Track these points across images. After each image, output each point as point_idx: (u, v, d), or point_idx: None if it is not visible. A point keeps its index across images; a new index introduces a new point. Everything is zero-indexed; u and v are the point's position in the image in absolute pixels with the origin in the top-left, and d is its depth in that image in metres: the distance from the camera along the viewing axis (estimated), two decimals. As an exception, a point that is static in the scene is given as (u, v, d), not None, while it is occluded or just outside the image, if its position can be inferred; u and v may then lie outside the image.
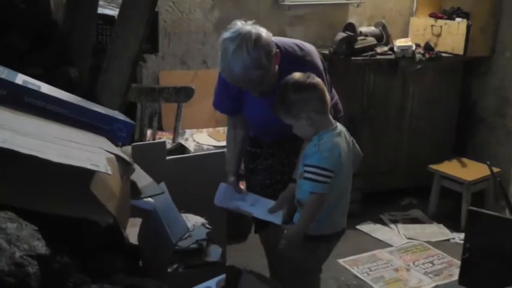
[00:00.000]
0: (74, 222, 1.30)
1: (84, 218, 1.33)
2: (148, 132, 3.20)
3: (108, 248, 1.38)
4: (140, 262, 1.61)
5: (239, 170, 2.42)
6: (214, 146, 3.37)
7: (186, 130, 3.62)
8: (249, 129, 2.40)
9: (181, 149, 2.83)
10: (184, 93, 3.11)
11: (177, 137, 3.16)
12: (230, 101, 2.31)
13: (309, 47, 2.26)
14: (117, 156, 1.32)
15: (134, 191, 1.41)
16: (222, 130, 3.73)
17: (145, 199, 1.51)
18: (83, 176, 1.19)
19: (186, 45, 3.81)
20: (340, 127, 2.07)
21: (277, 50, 2.09)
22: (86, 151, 1.27)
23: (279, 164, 2.33)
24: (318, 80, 2.02)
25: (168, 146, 2.79)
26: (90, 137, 1.46)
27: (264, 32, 2.06)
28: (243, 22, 2.07)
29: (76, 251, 1.11)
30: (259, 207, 2.25)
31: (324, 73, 2.23)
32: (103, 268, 1.13)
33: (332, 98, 2.41)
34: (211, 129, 3.73)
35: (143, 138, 3.08)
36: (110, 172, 1.18)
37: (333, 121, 2.06)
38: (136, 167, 1.49)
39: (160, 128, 3.60)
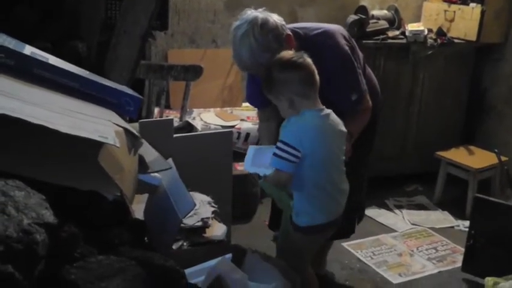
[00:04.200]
0: (80, 196, 1.29)
1: (91, 192, 1.32)
2: (156, 110, 3.19)
3: (114, 222, 1.37)
4: (146, 238, 1.61)
5: None
6: (221, 126, 3.36)
7: (194, 109, 3.61)
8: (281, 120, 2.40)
9: (189, 127, 2.83)
10: (193, 72, 3.09)
11: (184, 115, 3.15)
12: (259, 93, 2.31)
13: (332, 29, 2.23)
14: (126, 130, 1.31)
15: (142, 165, 1.40)
16: (230, 110, 3.73)
17: (152, 174, 1.50)
18: (91, 147, 1.18)
19: (196, 23, 3.78)
20: (327, 111, 1.96)
21: (289, 33, 2.07)
22: (94, 123, 1.26)
23: None
24: (304, 60, 1.91)
25: (176, 124, 2.78)
26: (99, 110, 1.45)
27: (273, 16, 2.07)
28: (254, 10, 2.08)
29: (82, 224, 1.10)
30: None
31: (350, 53, 2.20)
32: (109, 241, 1.13)
33: (370, 79, 2.38)
34: (218, 109, 3.72)
35: (150, 115, 3.07)
36: (118, 144, 1.17)
37: (321, 105, 1.95)
38: (144, 142, 1.48)
39: (168, 107, 3.59)
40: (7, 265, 0.71)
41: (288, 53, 1.94)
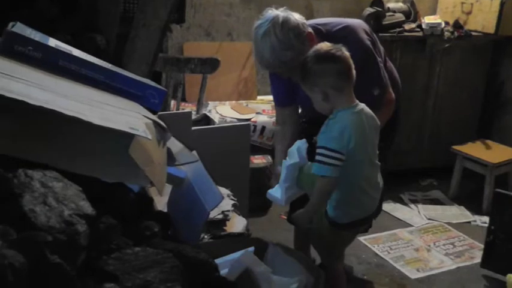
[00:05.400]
0: (106, 187, 1.29)
1: (116, 184, 1.32)
2: (172, 102, 3.19)
3: (139, 214, 1.37)
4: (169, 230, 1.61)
5: None
6: (237, 119, 3.36)
7: (209, 102, 3.61)
8: (297, 125, 2.40)
9: (206, 120, 2.82)
10: (209, 65, 3.08)
11: (200, 108, 3.15)
12: (282, 91, 2.33)
13: (354, 24, 2.22)
14: (154, 122, 1.31)
15: (169, 157, 1.39)
16: (245, 103, 3.72)
17: (178, 167, 1.50)
18: (121, 140, 1.18)
19: (211, 16, 3.77)
20: (361, 106, 1.94)
21: (311, 31, 2.06)
22: (123, 115, 1.25)
23: None
24: (342, 53, 1.89)
25: (193, 117, 2.78)
26: (125, 102, 1.45)
27: (294, 14, 2.07)
28: (275, 9, 2.08)
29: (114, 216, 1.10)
30: None
31: (372, 48, 2.19)
32: (140, 233, 1.12)
33: (391, 72, 2.38)
34: (234, 102, 3.71)
35: (167, 108, 3.07)
36: (149, 137, 1.16)
37: (355, 100, 1.93)
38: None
39: (183, 99, 3.59)
40: (55, 255, 0.71)
41: (326, 45, 1.91)
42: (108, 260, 0.88)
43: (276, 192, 2.18)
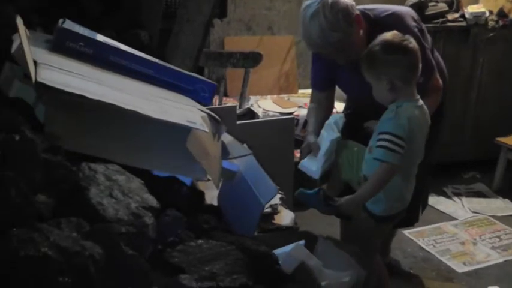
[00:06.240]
0: (161, 183, 1.30)
1: (170, 179, 1.32)
2: (214, 97, 3.20)
3: (191, 208, 1.38)
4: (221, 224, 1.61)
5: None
6: (279, 113, 3.34)
7: (251, 96, 3.60)
8: (330, 111, 2.37)
9: (250, 114, 2.82)
10: (252, 59, 3.08)
11: (243, 102, 3.15)
12: (321, 74, 2.30)
13: (401, 11, 2.19)
14: (209, 115, 1.31)
15: (223, 151, 1.40)
16: (286, 97, 3.70)
17: (231, 160, 1.50)
18: (177, 133, 1.18)
19: (252, 10, 3.76)
20: (421, 102, 1.92)
21: (359, 13, 2.04)
22: (179, 109, 1.26)
23: None
24: (414, 45, 1.86)
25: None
26: (178, 96, 1.45)
27: None
28: None
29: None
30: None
31: (420, 37, 2.15)
32: (199, 226, 1.12)
33: (437, 63, 2.33)
34: (275, 96, 3.70)
35: (209, 103, 3.08)
36: (207, 130, 1.17)
37: (417, 94, 1.92)
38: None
39: (224, 94, 3.59)
40: (127, 247, 0.71)
41: (397, 35, 1.88)
42: (173, 253, 0.88)
43: (310, 164, 2.15)
